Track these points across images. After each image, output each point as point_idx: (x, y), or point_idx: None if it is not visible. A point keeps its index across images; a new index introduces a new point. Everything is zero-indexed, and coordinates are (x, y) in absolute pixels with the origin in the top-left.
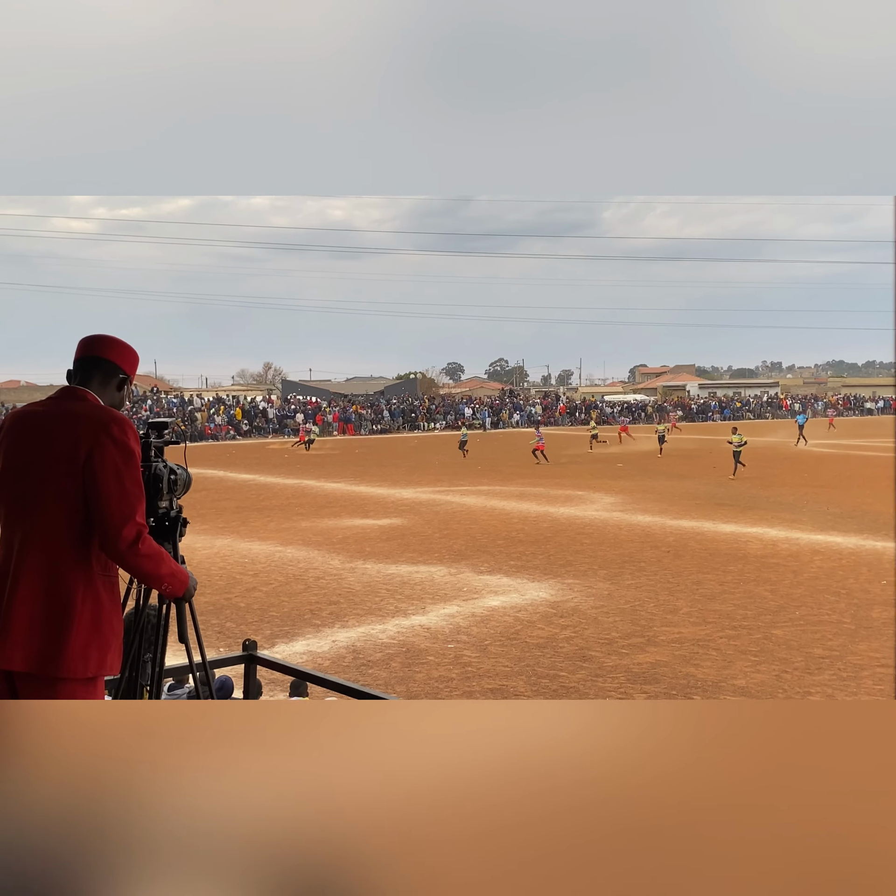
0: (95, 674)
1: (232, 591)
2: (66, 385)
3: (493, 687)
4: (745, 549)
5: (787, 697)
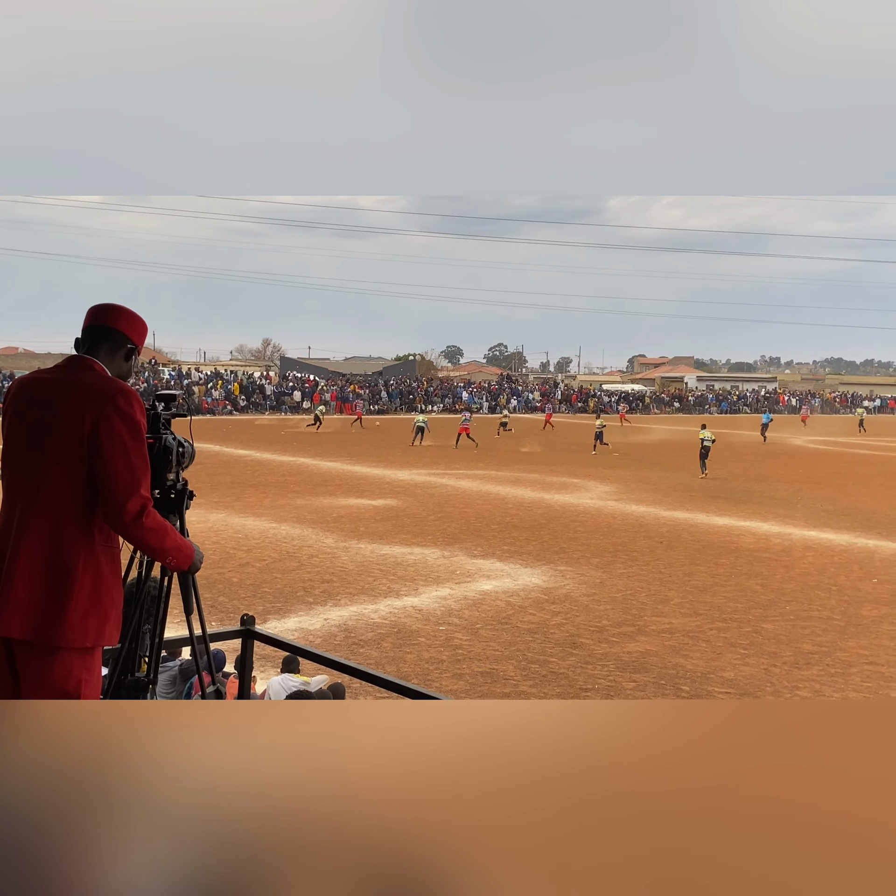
0: (94, 644)
1: (225, 566)
2: (74, 353)
3: (483, 670)
4: (738, 542)
5: (790, 697)
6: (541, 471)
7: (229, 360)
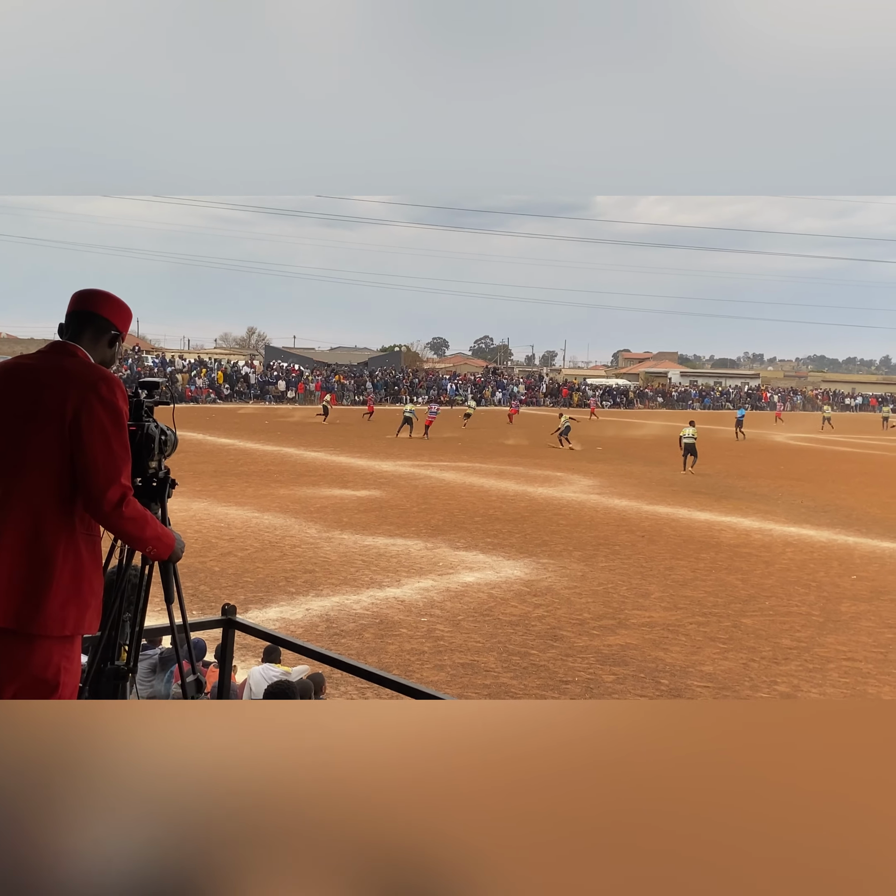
0: (73, 632)
1: (207, 555)
2: (57, 339)
3: (465, 662)
4: (719, 537)
5: (793, 697)
6: (525, 464)
7: (213, 348)
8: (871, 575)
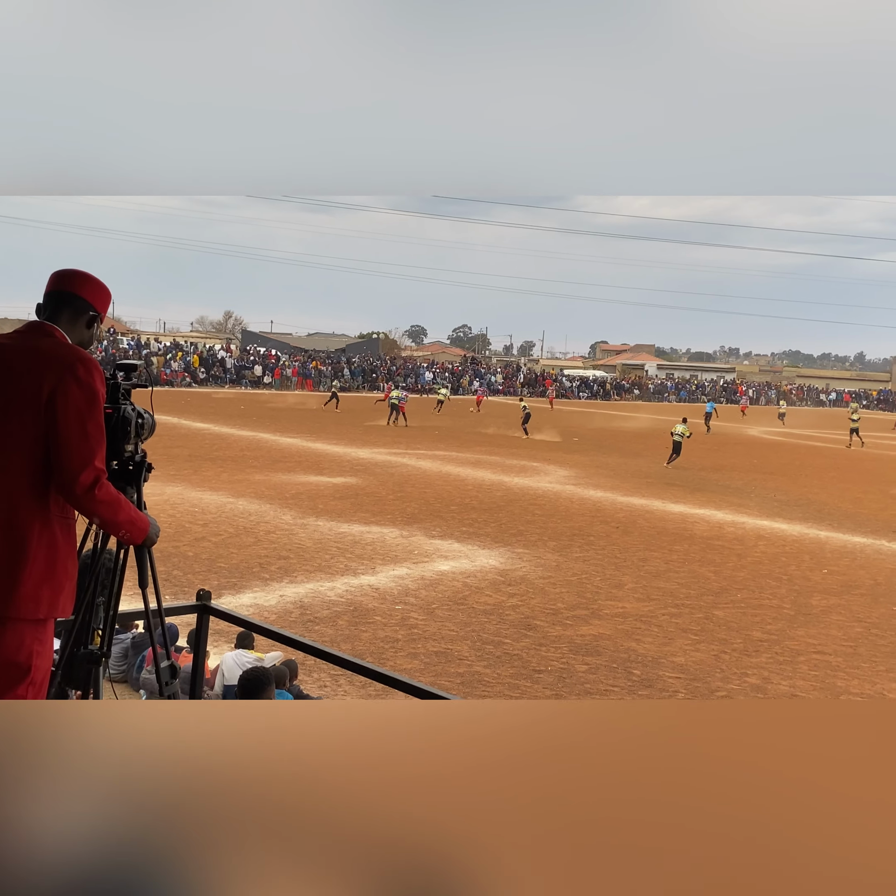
0: (46, 616)
1: (180, 540)
2: (35, 319)
3: (438, 650)
4: (692, 529)
5: (799, 696)
6: (501, 453)
7: (189, 331)
8: (841, 569)
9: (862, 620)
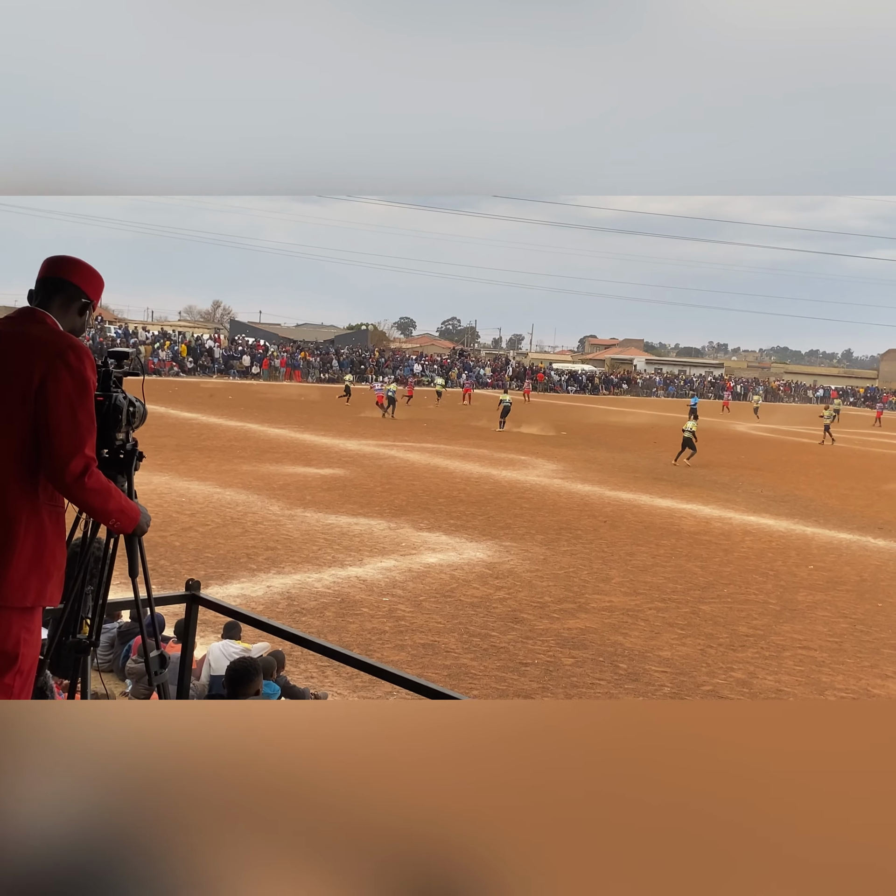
0: (34, 604)
1: (167, 530)
2: (26, 305)
3: (425, 642)
4: (679, 524)
5: (818, 698)
6: (490, 446)
7: (177, 320)
8: (827, 565)
9: (847, 616)
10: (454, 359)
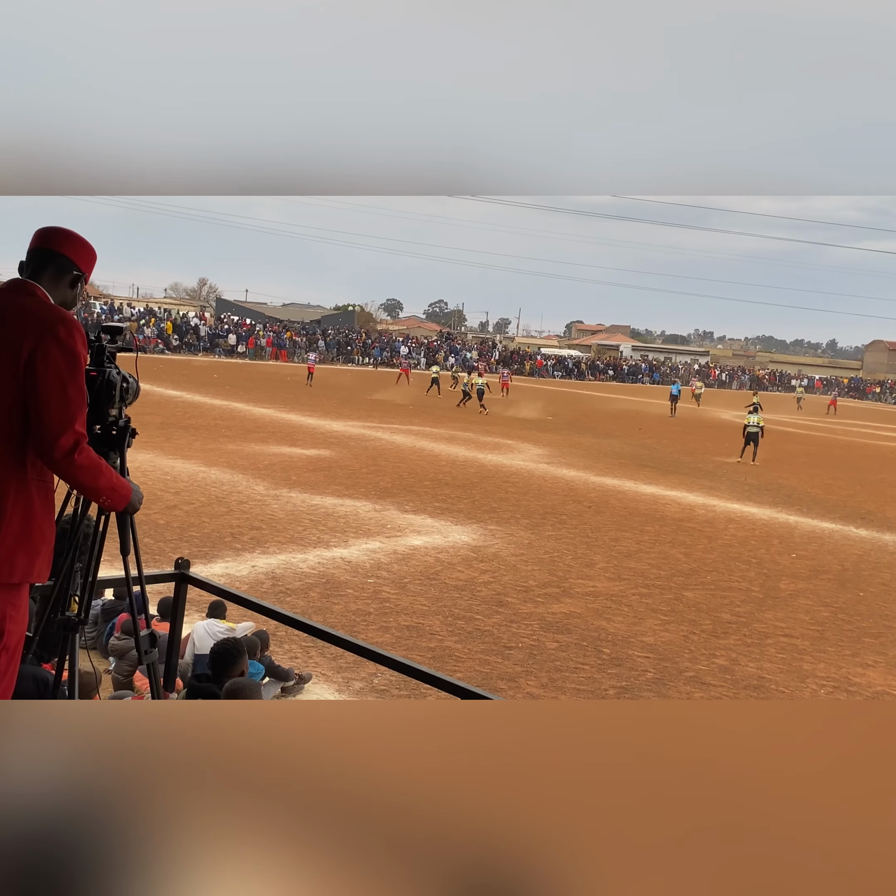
0: (21, 580)
1: (151, 508)
2: (17, 277)
3: (410, 624)
4: (664, 511)
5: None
6: (475, 430)
7: (163, 297)
8: (810, 554)
9: (829, 605)
10: (441, 342)
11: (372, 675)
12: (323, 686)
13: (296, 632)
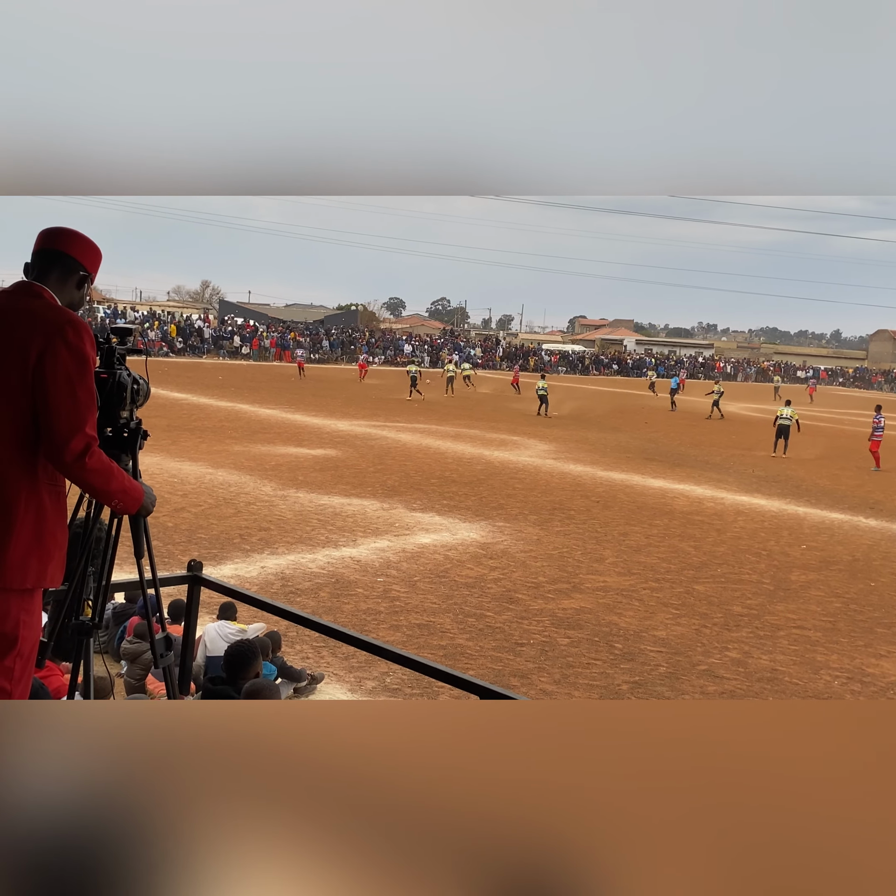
0: (34, 585)
1: (160, 511)
2: (22, 279)
3: (421, 622)
4: (672, 504)
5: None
6: (481, 427)
7: (166, 300)
8: (820, 545)
9: (840, 596)
10: (444, 339)
11: (384, 674)
12: (335, 686)
13: (307, 632)
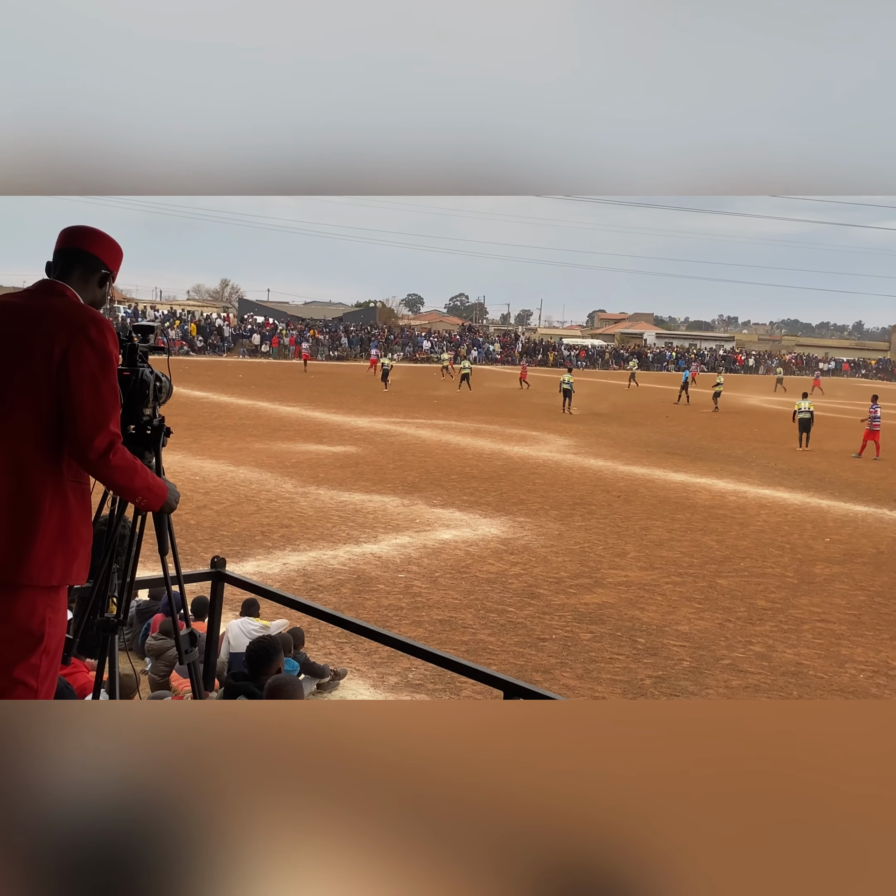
0: (60, 583)
1: (182, 508)
2: (45, 278)
3: (442, 618)
4: (694, 498)
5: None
6: (501, 422)
7: (186, 299)
8: (844, 538)
9: (865, 589)
10: (463, 335)
11: (406, 670)
12: (358, 682)
13: (329, 628)
